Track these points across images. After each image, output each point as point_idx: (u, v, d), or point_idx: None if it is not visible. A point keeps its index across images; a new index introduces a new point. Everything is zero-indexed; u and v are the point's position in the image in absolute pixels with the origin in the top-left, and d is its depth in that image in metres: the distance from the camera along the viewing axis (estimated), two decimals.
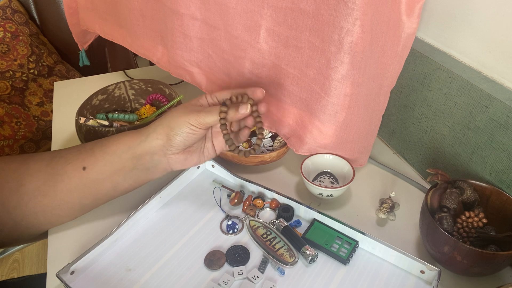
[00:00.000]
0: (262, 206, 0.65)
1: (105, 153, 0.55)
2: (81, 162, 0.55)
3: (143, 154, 0.55)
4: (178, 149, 0.55)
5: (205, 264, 0.56)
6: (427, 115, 0.68)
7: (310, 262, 0.56)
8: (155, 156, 0.55)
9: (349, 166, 0.67)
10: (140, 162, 0.55)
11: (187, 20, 0.70)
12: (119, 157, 0.55)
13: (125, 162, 0.55)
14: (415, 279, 0.55)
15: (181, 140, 0.54)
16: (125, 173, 0.56)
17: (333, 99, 0.59)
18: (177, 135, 0.53)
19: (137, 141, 0.55)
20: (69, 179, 0.54)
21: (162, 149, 0.54)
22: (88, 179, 0.55)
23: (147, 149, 0.54)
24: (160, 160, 0.56)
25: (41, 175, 0.54)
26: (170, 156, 0.55)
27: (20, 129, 1.45)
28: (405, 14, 0.57)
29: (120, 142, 0.55)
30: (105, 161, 0.55)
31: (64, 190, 0.54)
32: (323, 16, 0.54)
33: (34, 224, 0.56)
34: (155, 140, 0.54)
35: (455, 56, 0.64)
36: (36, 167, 0.55)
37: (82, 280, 0.54)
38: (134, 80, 0.82)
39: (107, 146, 0.55)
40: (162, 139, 0.54)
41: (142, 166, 0.55)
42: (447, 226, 0.53)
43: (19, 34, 1.51)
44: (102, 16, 0.92)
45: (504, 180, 0.57)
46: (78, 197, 0.55)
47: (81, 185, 0.54)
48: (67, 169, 0.54)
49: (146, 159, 0.55)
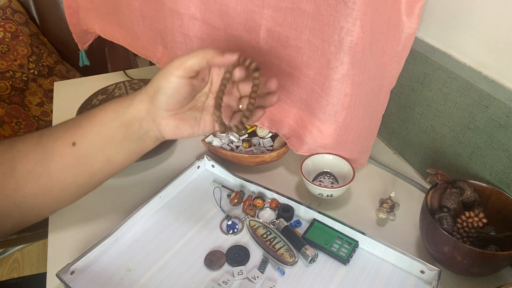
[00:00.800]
0: (262, 206, 0.65)
1: (93, 124, 0.52)
2: (70, 137, 0.52)
3: (131, 120, 0.51)
4: (166, 111, 0.51)
5: (205, 264, 0.56)
6: (427, 115, 0.68)
7: (310, 262, 0.56)
8: (143, 123, 0.52)
9: (349, 166, 0.67)
10: (130, 131, 0.52)
11: (187, 20, 0.70)
12: (108, 127, 0.52)
13: (114, 131, 0.52)
14: (415, 279, 0.55)
15: (164, 98, 0.50)
16: (116, 144, 0.53)
17: (333, 99, 0.59)
18: (158, 92, 0.50)
19: (123, 106, 0.52)
20: (61, 157, 0.52)
21: (149, 113, 0.51)
22: (79, 155, 0.52)
23: (134, 114, 0.51)
24: (149, 127, 0.52)
25: (32, 156, 0.52)
26: (159, 122, 0.52)
27: (20, 129, 1.45)
28: (405, 14, 0.57)
29: (107, 110, 0.52)
30: (94, 133, 0.52)
31: (58, 169, 0.52)
32: (323, 16, 0.54)
33: (35, 205, 0.54)
34: (140, 104, 0.51)
35: (455, 56, 0.64)
36: (24, 148, 0.52)
37: (82, 280, 0.54)
38: (134, 80, 0.83)
39: (94, 116, 0.52)
40: (146, 100, 0.51)
41: (133, 135, 0.52)
42: (447, 226, 0.53)
43: (19, 34, 1.51)
44: (102, 16, 0.92)
45: (504, 180, 0.57)
46: (73, 176, 0.53)
47: (73, 162, 0.52)
48: (56, 147, 0.52)
49: (135, 127, 0.52)
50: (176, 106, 0.51)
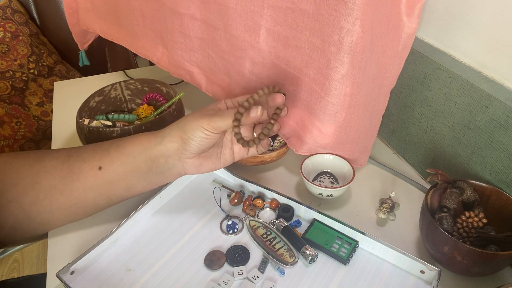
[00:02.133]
0: (262, 206, 0.65)
1: (121, 153, 0.55)
2: (97, 161, 0.55)
3: (158, 156, 0.54)
4: (193, 154, 0.54)
5: (205, 264, 0.56)
6: (427, 115, 0.68)
7: (310, 262, 0.56)
8: (169, 159, 0.55)
9: (349, 166, 0.67)
10: (155, 165, 0.55)
11: (187, 20, 0.70)
12: (134, 158, 0.55)
13: (140, 163, 0.55)
14: (415, 279, 0.55)
15: (195, 145, 0.53)
16: (139, 175, 0.56)
17: (333, 99, 0.59)
18: (191, 139, 0.53)
19: (152, 143, 0.55)
20: (85, 178, 0.54)
21: (177, 153, 0.54)
22: (103, 179, 0.55)
23: (162, 151, 0.54)
24: (174, 164, 0.55)
25: (57, 172, 0.54)
26: (185, 160, 0.55)
27: (20, 129, 1.45)
28: (405, 14, 0.57)
29: (136, 143, 0.55)
30: (121, 162, 0.55)
31: (80, 188, 0.55)
32: (323, 16, 0.54)
33: (49, 220, 0.56)
34: (170, 143, 0.54)
35: (455, 56, 0.64)
36: (52, 165, 0.55)
37: (82, 280, 0.54)
38: (130, 80, 0.82)
39: (123, 146, 0.56)
40: (177, 142, 0.54)
41: (157, 169, 0.55)
42: (447, 226, 0.53)
43: (19, 34, 1.51)
44: (102, 16, 0.92)
45: (504, 180, 0.57)
46: (93, 197, 0.56)
47: (96, 184, 0.55)
48: (83, 168, 0.55)
49: (161, 162, 0.55)
50: (204, 151, 0.56)
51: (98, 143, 0.58)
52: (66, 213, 0.56)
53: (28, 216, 0.54)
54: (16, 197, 0.53)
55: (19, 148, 1.45)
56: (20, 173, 0.54)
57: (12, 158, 0.56)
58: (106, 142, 0.57)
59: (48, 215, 0.55)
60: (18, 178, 0.54)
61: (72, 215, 0.57)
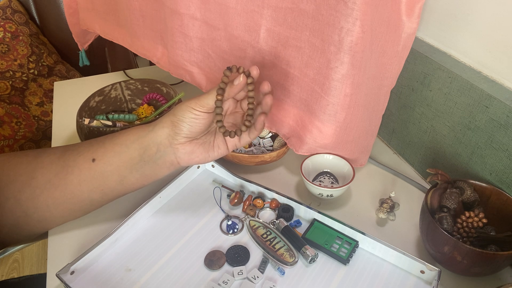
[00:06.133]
0: (262, 206, 0.65)
1: (115, 144, 0.56)
2: (92, 154, 0.56)
3: (150, 144, 0.55)
4: (184, 138, 0.54)
5: (205, 264, 0.56)
6: (427, 115, 0.68)
7: (310, 262, 0.56)
8: (161, 147, 0.55)
9: (349, 166, 0.67)
10: (146, 153, 0.55)
11: (187, 20, 0.70)
12: (128, 147, 0.55)
13: (132, 152, 0.55)
14: (415, 279, 0.55)
15: (186, 126, 0.53)
16: (132, 165, 0.56)
17: (333, 99, 0.59)
18: (180, 121, 0.53)
19: (145, 131, 0.56)
20: (79, 170, 0.55)
21: (168, 138, 0.55)
22: (96, 171, 0.55)
23: (153, 138, 0.55)
24: (166, 151, 0.55)
25: (53, 167, 0.55)
26: (176, 147, 0.55)
27: (20, 129, 1.45)
28: (405, 14, 0.57)
29: (129, 133, 0.56)
30: (114, 152, 0.55)
31: (74, 182, 0.55)
32: (323, 16, 0.54)
33: (46, 217, 0.56)
34: (161, 129, 0.55)
35: (455, 56, 0.64)
36: (48, 160, 0.56)
37: (82, 280, 0.54)
38: (130, 80, 0.82)
39: (117, 137, 0.57)
40: (168, 127, 0.54)
41: (149, 158, 0.55)
42: (447, 226, 0.53)
43: (19, 34, 1.51)
44: (102, 16, 0.92)
45: (504, 180, 0.57)
46: (87, 191, 0.56)
47: (89, 177, 0.55)
48: (78, 161, 0.55)
49: (152, 150, 0.55)
50: (195, 135, 0.55)
51: (96, 138, 0.59)
52: (62, 208, 0.56)
53: (25, 213, 0.54)
54: (14, 194, 0.54)
55: (19, 148, 1.45)
56: (17, 170, 0.55)
57: (11, 157, 0.56)
58: (104, 136, 0.58)
59: (44, 212, 0.55)
60: (15, 175, 0.54)
61: (68, 211, 0.57)
